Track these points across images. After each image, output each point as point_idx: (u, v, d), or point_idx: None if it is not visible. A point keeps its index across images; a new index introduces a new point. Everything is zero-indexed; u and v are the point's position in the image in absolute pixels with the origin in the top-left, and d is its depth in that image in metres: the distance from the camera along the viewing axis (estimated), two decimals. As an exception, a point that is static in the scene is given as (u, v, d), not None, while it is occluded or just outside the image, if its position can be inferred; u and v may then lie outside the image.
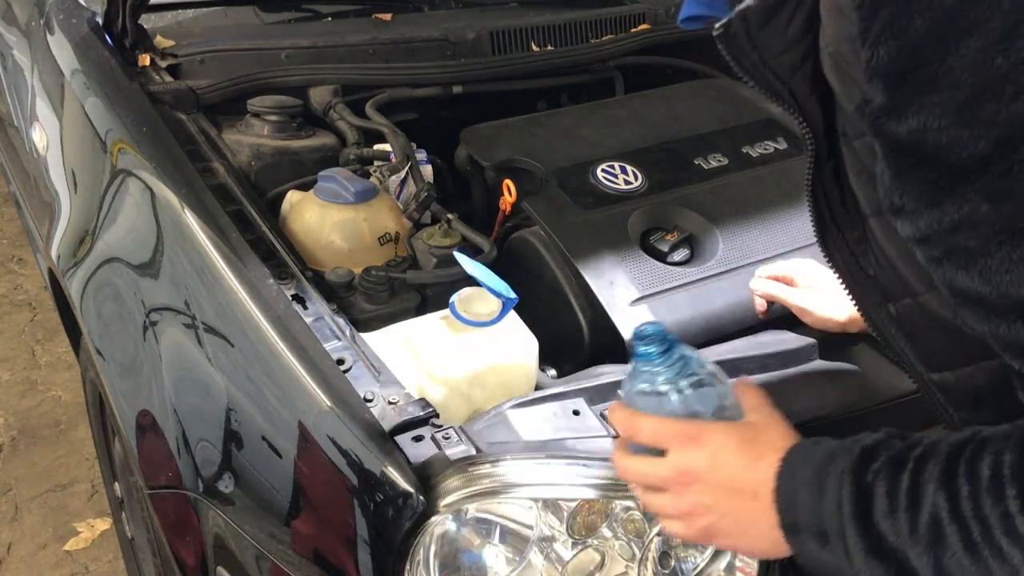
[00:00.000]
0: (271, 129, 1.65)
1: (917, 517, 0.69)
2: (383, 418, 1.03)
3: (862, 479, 0.73)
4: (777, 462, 0.78)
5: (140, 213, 1.45)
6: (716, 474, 0.80)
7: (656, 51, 2.10)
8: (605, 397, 1.11)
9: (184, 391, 1.25)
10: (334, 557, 1.04)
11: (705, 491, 0.80)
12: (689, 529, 0.83)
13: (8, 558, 2.13)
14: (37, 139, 1.92)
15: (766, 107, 1.81)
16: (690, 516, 0.82)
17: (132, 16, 1.74)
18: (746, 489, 0.78)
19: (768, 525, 0.78)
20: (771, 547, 0.79)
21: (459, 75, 1.86)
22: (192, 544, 1.26)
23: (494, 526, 1.01)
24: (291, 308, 1.18)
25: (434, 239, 1.45)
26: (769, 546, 0.79)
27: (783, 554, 0.79)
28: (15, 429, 2.52)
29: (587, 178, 1.51)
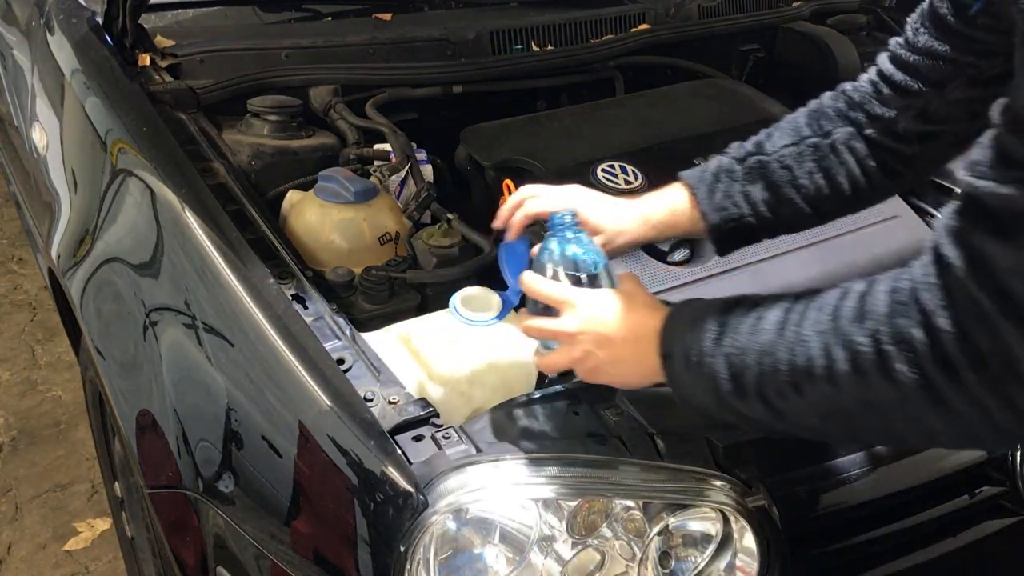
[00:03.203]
0: (271, 129, 1.65)
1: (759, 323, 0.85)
2: (383, 418, 1.03)
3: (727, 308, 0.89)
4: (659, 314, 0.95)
5: (140, 213, 1.45)
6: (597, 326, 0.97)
7: (656, 51, 2.10)
8: (605, 397, 1.11)
9: (184, 391, 1.25)
10: (334, 557, 1.04)
11: (589, 339, 0.97)
12: (581, 369, 0.99)
13: (8, 558, 2.13)
14: (37, 139, 1.92)
15: (766, 107, 1.81)
16: (581, 360, 0.98)
17: (132, 16, 1.74)
18: (628, 335, 0.95)
19: (648, 357, 0.93)
20: (646, 374, 0.95)
21: (459, 75, 1.86)
22: (192, 544, 1.26)
23: (494, 526, 1.01)
24: (291, 308, 1.18)
25: (434, 239, 1.45)
26: (645, 373, 0.95)
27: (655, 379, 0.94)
28: (15, 429, 2.52)
29: (587, 178, 1.51)
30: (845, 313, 0.79)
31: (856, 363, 0.77)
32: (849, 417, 0.80)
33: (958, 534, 1.20)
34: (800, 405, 0.82)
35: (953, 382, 0.72)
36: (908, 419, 0.76)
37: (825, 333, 0.80)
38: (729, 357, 0.86)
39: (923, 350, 0.73)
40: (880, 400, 0.76)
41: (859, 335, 0.77)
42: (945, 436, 0.77)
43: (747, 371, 0.84)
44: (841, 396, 0.79)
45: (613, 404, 1.10)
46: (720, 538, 1.06)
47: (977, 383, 0.71)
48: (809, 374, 0.80)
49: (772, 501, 1.04)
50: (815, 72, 2.15)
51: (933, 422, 0.75)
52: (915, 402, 0.74)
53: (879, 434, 0.82)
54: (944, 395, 0.73)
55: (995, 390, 0.70)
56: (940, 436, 0.77)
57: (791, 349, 0.81)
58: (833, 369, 0.78)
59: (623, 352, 0.96)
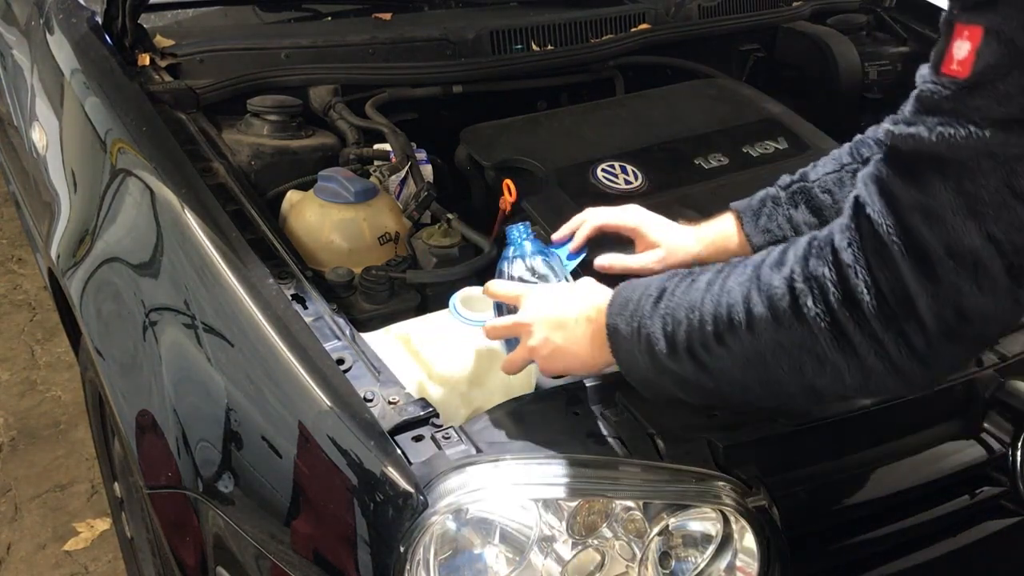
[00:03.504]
0: (271, 129, 1.65)
1: (692, 284, 0.90)
2: (383, 418, 1.03)
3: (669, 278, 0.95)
4: (607, 294, 1.00)
5: (140, 213, 1.44)
6: (550, 311, 1.04)
7: (656, 51, 2.09)
8: (605, 397, 1.11)
9: (184, 391, 1.25)
10: (334, 557, 1.04)
11: (543, 325, 1.03)
12: (539, 356, 1.04)
13: (8, 558, 2.12)
14: (37, 139, 1.92)
15: (766, 107, 1.81)
16: (538, 349, 1.04)
17: (132, 16, 1.74)
18: (580, 315, 1.01)
19: (599, 334, 0.98)
20: (600, 354, 0.99)
21: (459, 75, 1.86)
22: (192, 544, 1.26)
23: (494, 526, 1.01)
24: (291, 308, 1.18)
25: (434, 239, 1.45)
26: (598, 353, 1.00)
27: (608, 359, 0.99)
28: (15, 429, 2.51)
29: (587, 178, 1.51)
30: (767, 263, 0.85)
31: (771, 305, 0.81)
32: (765, 365, 0.84)
33: (958, 534, 1.20)
34: (724, 358, 0.87)
35: (855, 318, 0.76)
36: (817, 361, 0.80)
37: (746, 283, 0.85)
38: (664, 318, 0.91)
39: (830, 287, 0.77)
40: (792, 342, 0.80)
41: (775, 279, 0.82)
42: (851, 380, 0.80)
43: (679, 328, 0.89)
44: (759, 343, 0.83)
45: (613, 404, 1.10)
46: (720, 538, 1.06)
47: (876, 318, 0.74)
48: (731, 323, 0.85)
49: (772, 501, 1.04)
50: (815, 72, 2.15)
51: (839, 363, 0.78)
52: (822, 342, 0.78)
53: (794, 384, 0.84)
54: (847, 331, 0.76)
55: (892, 326, 0.74)
56: (846, 380, 0.80)
57: (716, 301, 0.87)
58: (752, 315, 0.83)
59: (576, 332, 1.01)
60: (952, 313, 0.73)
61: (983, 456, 1.19)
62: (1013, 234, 0.69)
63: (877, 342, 0.76)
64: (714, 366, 0.88)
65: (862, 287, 0.75)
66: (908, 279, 0.73)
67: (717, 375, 0.89)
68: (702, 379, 0.90)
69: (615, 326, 0.97)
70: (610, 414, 1.08)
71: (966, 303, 0.72)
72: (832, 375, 0.80)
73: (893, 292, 0.74)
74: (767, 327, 0.82)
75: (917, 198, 0.72)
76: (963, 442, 1.20)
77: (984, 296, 0.71)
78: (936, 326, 0.73)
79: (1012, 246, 0.70)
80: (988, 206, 0.69)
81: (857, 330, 0.76)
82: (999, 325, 0.75)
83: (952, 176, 0.70)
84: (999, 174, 0.68)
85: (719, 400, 0.95)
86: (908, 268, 0.72)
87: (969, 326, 0.73)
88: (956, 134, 0.69)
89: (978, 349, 0.77)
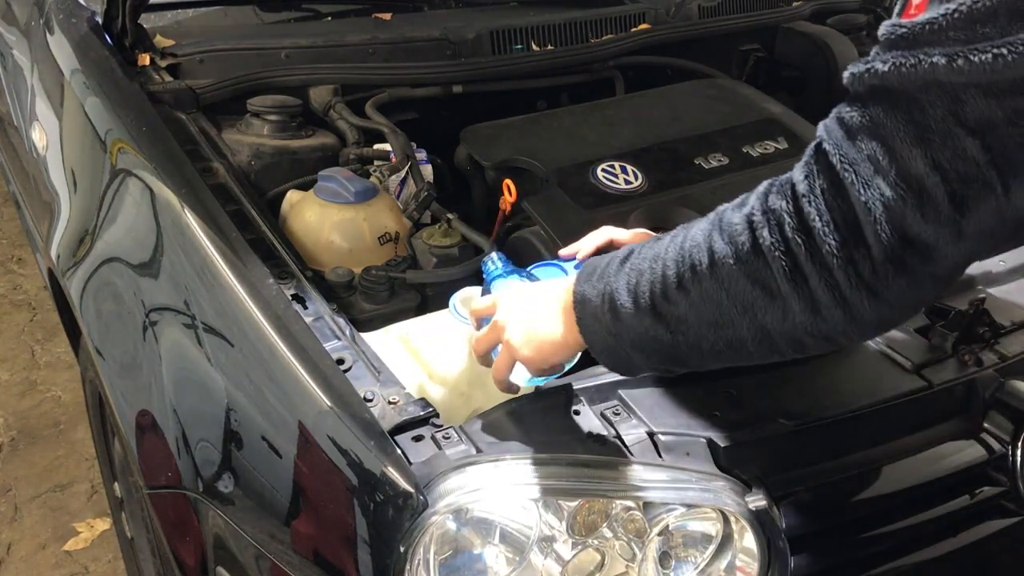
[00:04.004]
0: (271, 129, 1.65)
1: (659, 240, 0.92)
2: (383, 418, 1.03)
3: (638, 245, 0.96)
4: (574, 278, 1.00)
5: (140, 213, 1.44)
6: (519, 299, 1.05)
7: (656, 51, 2.09)
8: (605, 397, 1.11)
9: (184, 391, 1.25)
10: (334, 557, 1.04)
11: (515, 318, 1.03)
12: (517, 348, 1.03)
13: (8, 558, 2.12)
14: (37, 139, 1.92)
15: (766, 107, 1.81)
16: (512, 340, 1.03)
17: (132, 16, 1.74)
18: (549, 294, 1.02)
19: (569, 312, 0.99)
20: (569, 332, 0.99)
21: (459, 75, 1.86)
22: (192, 544, 1.26)
23: (494, 526, 1.01)
24: (291, 308, 1.18)
25: (434, 239, 1.45)
26: (568, 332, 0.99)
27: (578, 340, 0.99)
28: (15, 429, 2.51)
29: (587, 178, 1.50)
30: (730, 207, 0.87)
31: (731, 241, 0.83)
32: (720, 307, 0.85)
33: (958, 534, 1.20)
34: (681, 304, 0.88)
35: (807, 246, 0.78)
36: (769, 296, 0.82)
37: (708, 227, 0.87)
38: (629, 273, 0.93)
39: (786, 218, 0.80)
40: (747, 275, 0.82)
41: (736, 217, 0.84)
42: (800, 317, 0.81)
43: (641, 279, 0.91)
44: (716, 282, 0.84)
45: (613, 404, 1.10)
46: (720, 538, 1.06)
47: (826, 244, 0.77)
48: (692, 266, 0.86)
49: (772, 501, 1.04)
50: (815, 72, 2.15)
51: (789, 296, 0.80)
52: (775, 272, 0.80)
53: (745, 326, 0.85)
54: (799, 260, 0.79)
55: (841, 253, 0.76)
56: (796, 318, 0.81)
57: (680, 246, 0.89)
58: (712, 253, 0.84)
59: (546, 312, 1.01)
60: (898, 239, 0.75)
61: (983, 456, 1.19)
62: (957, 162, 0.72)
63: (826, 270, 0.78)
64: (672, 314, 0.89)
65: (814, 215, 0.78)
66: (857, 206, 0.75)
67: (675, 325, 0.89)
68: (660, 333, 0.90)
69: (582, 293, 0.97)
70: (610, 414, 1.08)
71: (910, 229, 0.74)
72: (782, 311, 0.82)
73: (844, 219, 0.76)
74: (724, 263, 0.84)
75: (869, 127, 0.75)
76: (963, 442, 1.20)
77: (928, 224, 0.74)
78: (881, 252, 0.75)
79: (956, 174, 0.72)
80: (935, 134, 0.72)
81: (808, 258, 0.78)
82: (945, 261, 0.76)
83: (903, 105, 0.73)
84: (945, 102, 0.71)
85: (677, 363, 0.94)
86: (857, 195, 0.75)
87: (915, 255, 0.75)
88: (906, 63, 0.72)
89: (926, 290, 0.78)
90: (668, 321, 0.89)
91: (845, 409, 1.14)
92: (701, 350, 0.90)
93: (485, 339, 1.08)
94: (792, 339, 0.84)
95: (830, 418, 1.13)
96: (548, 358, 1.02)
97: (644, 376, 1.14)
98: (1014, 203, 0.73)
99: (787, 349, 0.86)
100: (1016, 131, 0.70)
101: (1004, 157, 0.71)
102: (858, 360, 1.23)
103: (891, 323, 0.83)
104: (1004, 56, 0.67)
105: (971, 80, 0.69)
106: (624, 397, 1.10)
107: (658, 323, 0.90)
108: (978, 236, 0.74)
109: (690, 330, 0.89)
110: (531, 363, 1.03)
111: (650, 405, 1.10)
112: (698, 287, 0.86)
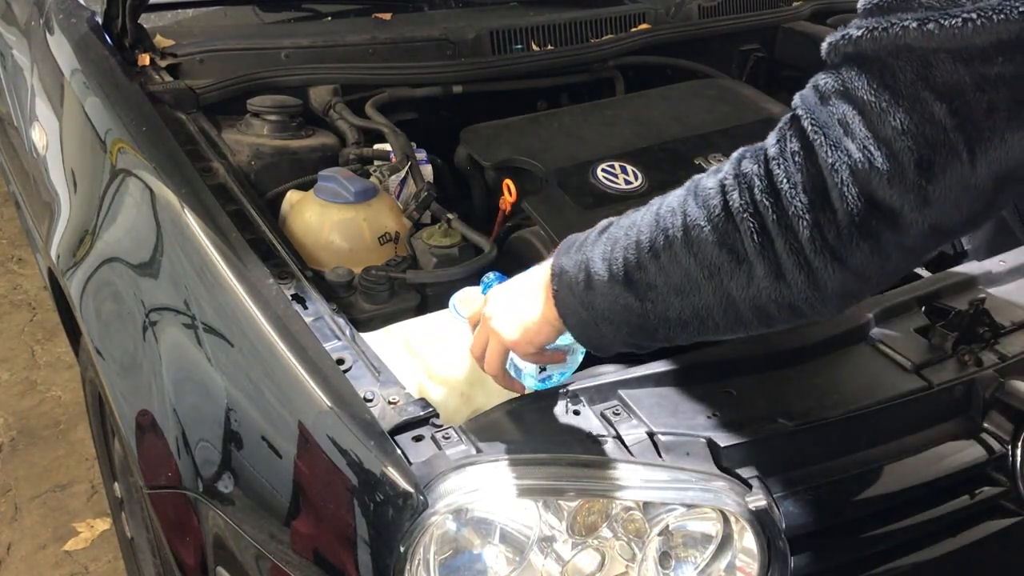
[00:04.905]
0: (271, 129, 1.65)
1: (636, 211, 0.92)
2: (383, 418, 1.03)
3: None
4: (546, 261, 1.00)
5: (140, 213, 1.45)
6: (501, 294, 1.05)
7: (656, 51, 2.09)
8: (605, 397, 1.11)
9: (184, 391, 1.25)
10: (334, 557, 1.04)
11: (498, 306, 1.04)
12: (500, 332, 1.03)
13: (8, 558, 2.12)
14: (37, 139, 1.92)
15: (766, 107, 1.81)
16: (501, 332, 1.02)
17: (132, 16, 1.74)
18: (527, 278, 1.02)
19: (546, 290, 0.98)
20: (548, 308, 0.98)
21: (459, 75, 1.86)
22: (192, 544, 1.26)
23: (494, 526, 1.01)
24: (291, 308, 1.18)
25: (434, 239, 1.45)
26: (547, 308, 0.98)
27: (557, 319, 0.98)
28: (15, 429, 2.51)
29: (587, 178, 1.51)
30: (706, 174, 0.87)
31: (703, 204, 0.83)
32: (690, 278, 0.85)
33: (958, 534, 1.20)
34: (654, 273, 0.88)
35: (775, 209, 0.78)
36: (735, 260, 0.82)
37: (684, 194, 0.88)
38: (605, 243, 0.93)
39: (756, 181, 0.80)
40: (715, 239, 0.82)
41: (710, 182, 0.85)
42: (764, 283, 0.81)
43: (616, 246, 0.91)
44: (687, 251, 0.85)
45: (613, 404, 1.10)
46: (720, 538, 1.06)
47: (792, 206, 0.77)
48: (665, 232, 0.87)
49: (772, 501, 1.04)
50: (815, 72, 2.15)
51: (755, 260, 0.81)
52: (743, 235, 0.81)
53: (710, 291, 0.85)
54: (766, 223, 0.79)
55: (807, 215, 0.77)
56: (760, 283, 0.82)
57: (656, 214, 0.89)
58: (686, 219, 0.85)
59: (525, 291, 1.02)
60: (863, 203, 0.75)
61: (983, 456, 1.18)
62: (924, 127, 0.72)
63: (791, 232, 0.78)
64: (643, 281, 0.89)
65: (783, 177, 0.78)
66: (825, 168, 0.76)
67: (644, 292, 0.89)
68: (630, 301, 0.90)
69: (560, 266, 0.97)
70: (610, 414, 1.08)
71: (876, 193, 0.75)
72: (747, 275, 0.82)
73: (812, 182, 0.77)
74: (695, 226, 0.84)
75: (841, 91, 0.76)
76: (963, 442, 1.19)
77: (893, 189, 0.74)
78: (846, 216, 0.76)
79: (923, 139, 0.72)
80: (903, 98, 0.72)
81: (775, 221, 0.79)
82: (910, 229, 0.76)
83: (874, 70, 0.74)
84: (915, 67, 0.71)
85: (645, 334, 0.94)
86: (825, 156, 0.76)
87: (881, 220, 0.76)
88: (879, 27, 0.73)
89: (892, 261, 0.77)
90: (638, 288, 0.89)
91: (845, 409, 1.14)
92: (668, 320, 0.90)
93: (478, 338, 1.08)
94: (757, 307, 0.84)
95: (830, 418, 1.13)
96: (532, 338, 1.01)
97: (644, 376, 1.14)
98: (979, 172, 0.73)
99: (753, 319, 0.86)
100: (983, 97, 0.70)
101: (971, 123, 0.71)
102: (858, 360, 1.23)
103: (855, 294, 0.83)
104: (974, 21, 0.68)
105: (941, 45, 0.69)
106: (624, 397, 1.10)
107: (628, 291, 0.90)
108: (943, 204, 0.74)
109: (658, 297, 0.89)
110: (517, 346, 1.02)
111: (650, 405, 1.10)
112: (668, 251, 0.86)
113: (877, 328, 1.26)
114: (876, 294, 0.83)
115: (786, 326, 0.87)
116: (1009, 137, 0.71)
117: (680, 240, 0.85)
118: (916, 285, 1.37)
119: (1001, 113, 0.70)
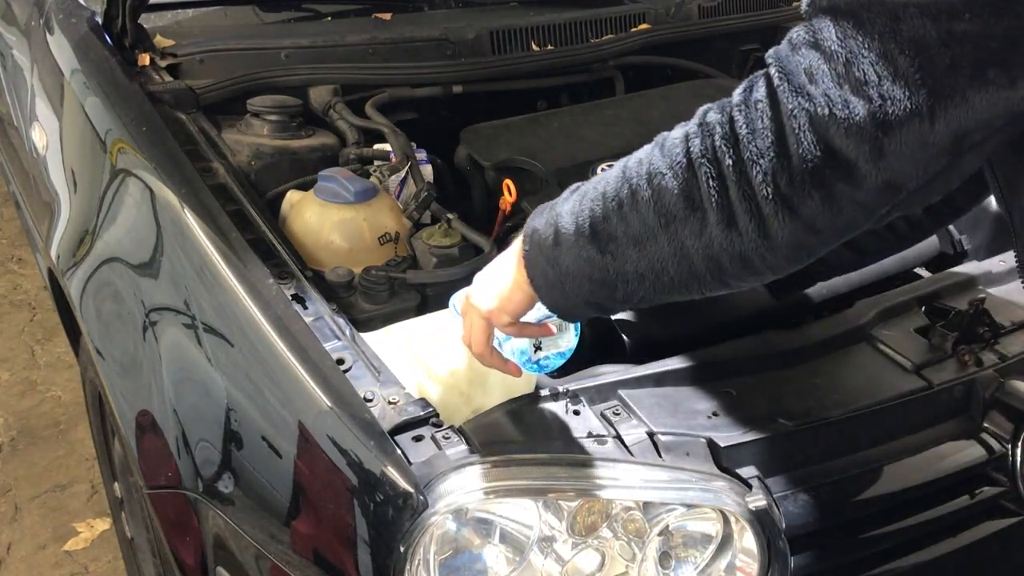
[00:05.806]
0: (271, 129, 1.65)
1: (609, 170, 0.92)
2: (383, 418, 1.03)
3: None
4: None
5: (140, 213, 1.45)
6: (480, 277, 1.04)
7: (656, 51, 2.09)
8: (605, 397, 1.11)
9: (184, 391, 1.25)
10: (334, 557, 1.04)
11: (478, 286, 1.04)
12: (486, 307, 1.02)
13: (8, 558, 2.12)
14: (37, 139, 1.92)
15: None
16: (479, 304, 1.02)
17: (132, 16, 1.74)
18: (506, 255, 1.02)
19: (520, 255, 0.97)
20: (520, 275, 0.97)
21: (459, 75, 1.86)
22: (192, 544, 1.26)
23: (494, 526, 1.01)
24: (291, 308, 1.18)
25: (434, 239, 1.45)
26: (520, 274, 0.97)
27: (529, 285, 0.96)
28: (15, 429, 2.51)
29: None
30: (676, 128, 0.87)
31: (667, 154, 0.84)
32: (647, 227, 0.85)
33: (958, 534, 1.20)
34: (615, 223, 0.88)
35: (732, 155, 0.78)
36: (691, 208, 0.82)
37: (651, 147, 0.88)
38: (574, 200, 0.93)
39: (717, 129, 0.80)
40: (674, 187, 0.83)
41: (676, 133, 0.85)
42: (716, 232, 0.81)
43: (584, 200, 0.91)
44: (648, 199, 0.85)
45: (613, 404, 1.10)
46: (720, 538, 1.06)
47: (748, 151, 0.78)
48: (629, 183, 0.87)
49: (772, 501, 1.04)
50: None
51: (709, 208, 0.81)
52: (700, 181, 0.81)
53: (665, 243, 0.85)
54: (723, 169, 0.79)
55: (763, 161, 0.77)
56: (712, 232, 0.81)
57: (623, 167, 0.90)
58: (650, 168, 0.85)
59: (502, 262, 1.02)
60: (819, 151, 0.75)
61: (983, 456, 1.19)
62: (886, 79, 0.72)
63: (745, 178, 0.78)
64: (605, 232, 0.89)
65: (742, 122, 0.78)
66: (784, 114, 0.76)
67: (605, 243, 0.89)
68: (592, 254, 0.90)
69: (533, 227, 0.96)
70: (610, 414, 1.08)
71: (832, 141, 0.74)
72: (700, 223, 0.82)
73: (770, 128, 0.77)
74: (657, 174, 0.84)
75: (810, 42, 0.77)
76: (963, 442, 1.19)
77: (849, 138, 0.74)
78: (801, 163, 0.76)
79: (885, 91, 0.72)
80: (869, 50, 0.72)
81: (730, 167, 0.79)
82: (864, 182, 0.76)
83: (845, 21, 0.74)
84: (883, 19, 0.72)
85: (604, 292, 0.92)
86: (785, 102, 0.76)
87: (835, 169, 0.75)
88: None
89: (845, 215, 0.76)
90: (600, 239, 0.89)
91: (845, 409, 1.14)
92: (626, 274, 0.89)
93: (465, 323, 1.07)
94: (708, 257, 0.83)
95: (830, 418, 1.13)
96: (506, 305, 1.00)
97: (644, 376, 1.14)
98: (937, 129, 0.73)
99: (705, 273, 0.85)
100: (947, 53, 0.70)
101: (933, 79, 0.71)
102: (858, 360, 1.23)
103: (806, 247, 0.82)
104: None
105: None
106: (624, 397, 1.10)
107: (592, 243, 0.90)
108: (899, 159, 0.74)
109: (618, 249, 0.88)
110: (493, 315, 1.01)
111: (650, 405, 1.10)
112: (630, 200, 0.87)
113: (877, 328, 1.26)
114: (828, 250, 0.82)
115: (740, 284, 0.87)
116: (971, 96, 0.71)
117: (643, 189, 0.86)
118: (916, 285, 1.37)
119: (964, 71, 0.70)
